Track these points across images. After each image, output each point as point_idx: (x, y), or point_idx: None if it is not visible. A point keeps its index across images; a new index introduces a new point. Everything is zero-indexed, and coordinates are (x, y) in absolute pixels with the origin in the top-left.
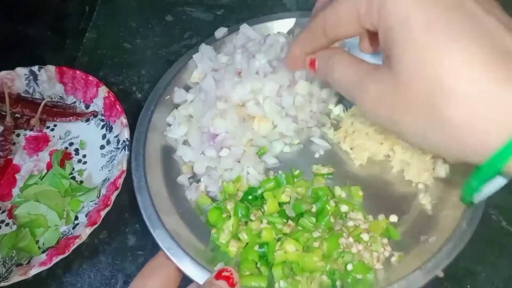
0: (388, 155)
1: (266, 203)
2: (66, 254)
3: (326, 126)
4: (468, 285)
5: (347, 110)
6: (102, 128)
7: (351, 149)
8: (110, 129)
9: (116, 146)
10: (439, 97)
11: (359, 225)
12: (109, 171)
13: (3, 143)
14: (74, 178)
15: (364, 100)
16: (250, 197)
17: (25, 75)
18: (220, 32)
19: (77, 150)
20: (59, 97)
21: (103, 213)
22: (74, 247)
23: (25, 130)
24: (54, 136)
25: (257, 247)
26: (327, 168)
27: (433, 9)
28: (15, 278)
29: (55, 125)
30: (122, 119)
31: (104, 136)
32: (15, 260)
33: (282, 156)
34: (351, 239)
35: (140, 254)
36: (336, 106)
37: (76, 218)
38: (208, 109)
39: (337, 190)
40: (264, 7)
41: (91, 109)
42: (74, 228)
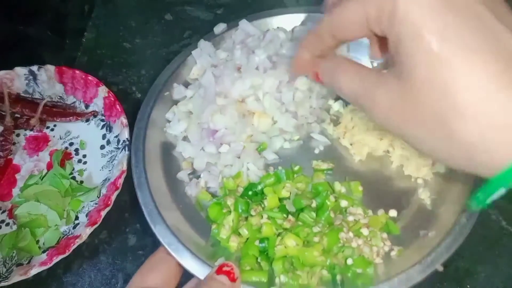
0: (388, 150)
1: (266, 199)
2: (67, 254)
3: (326, 122)
4: (468, 285)
5: (346, 105)
6: (102, 128)
7: (351, 144)
8: (110, 129)
9: (116, 146)
10: (451, 114)
11: (359, 220)
12: (109, 171)
13: (3, 143)
14: (74, 178)
15: (372, 110)
16: (250, 192)
17: (24, 75)
18: (219, 28)
19: (77, 150)
20: (59, 97)
21: (103, 213)
22: (74, 247)
23: (25, 130)
24: (54, 136)
25: (257, 242)
26: (326, 163)
27: (447, 17)
28: (16, 278)
29: (55, 125)
30: (122, 119)
31: (104, 136)
32: (15, 260)
33: (282, 152)
34: (351, 234)
35: (140, 254)
36: (335, 101)
37: (77, 218)
38: (207, 105)
39: (337, 186)
40: (264, 6)
41: (91, 109)
42: (74, 228)
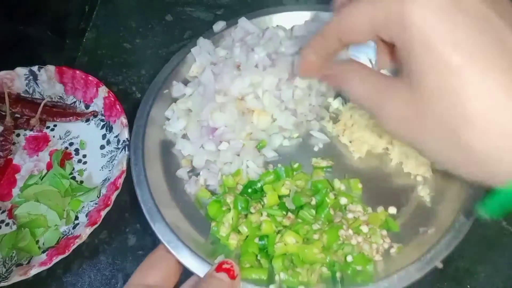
0: (387, 148)
1: (265, 196)
2: (66, 254)
3: (325, 120)
4: (468, 285)
5: (346, 103)
6: (102, 128)
7: (350, 142)
8: (110, 129)
9: (116, 146)
10: (461, 123)
11: (359, 217)
12: (109, 171)
13: (3, 143)
14: (74, 178)
15: (382, 118)
16: (249, 190)
17: (25, 75)
18: (218, 26)
19: (77, 150)
20: (59, 97)
21: (103, 213)
22: (74, 247)
23: (25, 130)
24: (54, 136)
25: (257, 240)
26: (326, 161)
27: (456, 25)
28: (15, 278)
29: (55, 125)
30: (122, 119)
31: (104, 136)
32: (15, 260)
33: (281, 150)
34: (350, 231)
35: (140, 254)
36: (335, 99)
37: (76, 218)
38: (207, 103)
39: (336, 183)
40: (264, 6)
41: (91, 109)
42: (74, 228)
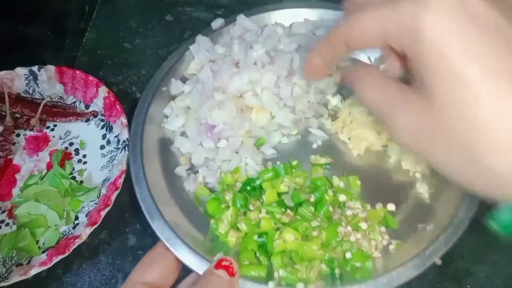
0: (386, 145)
1: (264, 193)
2: (66, 254)
3: (324, 117)
4: (468, 285)
5: (344, 100)
6: (102, 128)
7: (349, 139)
8: (110, 129)
9: (116, 146)
10: (476, 139)
11: (357, 214)
12: (109, 171)
13: (3, 143)
14: (74, 178)
15: (394, 127)
16: (248, 187)
17: (25, 75)
18: (217, 23)
19: (77, 150)
20: (59, 97)
21: (103, 213)
22: (74, 247)
23: (25, 130)
24: (54, 136)
25: (256, 237)
26: (325, 158)
27: (471, 36)
28: (15, 278)
29: (55, 125)
30: (122, 119)
31: (104, 136)
32: (15, 260)
33: (280, 147)
34: (349, 228)
35: (140, 254)
36: (333, 96)
37: (76, 218)
38: (205, 100)
39: (335, 180)
40: (263, 5)
41: (91, 109)
42: (74, 228)
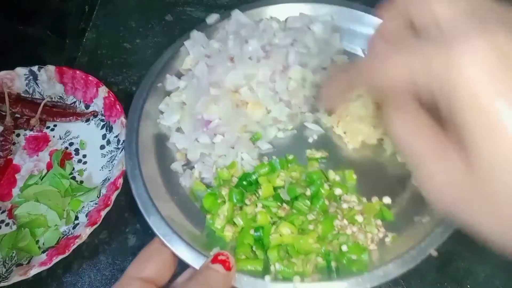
0: (381, 138)
1: (260, 188)
2: (66, 254)
3: (320, 111)
4: (468, 285)
5: None
6: (102, 128)
7: (345, 133)
8: (110, 129)
9: (116, 146)
10: None
11: (353, 207)
12: (109, 171)
13: (3, 143)
14: (74, 178)
15: (426, 179)
16: (244, 182)
17: (25, 75)
18: (212, 18)
19: (77, 150)
20: (59, 97)
21: (103, 213)
22: (74, 247)
23: (25, 130)
24: (54, 136)
25: (252, 231)
26: (321, 152)
27: (510, 84)
28: (15, 278)
29: (55, 125)
30: (122, 119)
31: (104, 136)
32: (15, 260)
33: (276, 142)
34: (345, 221)
35: None
36: None
37: (76, 218)
38: (201, 95)
39: (331, 174)
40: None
41: (91, 109)
42: (74, 228)
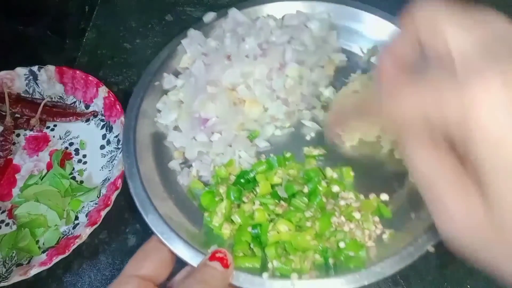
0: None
1: (258, 186)
2: (66, 254)
3: (317, 109)
4: (468, 285)
5: (337, 92)
6: (102, 128)
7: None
8: (110, 129)
9: (116, 146)
10: None
11: (351, 204)
12: (109, 171)
13: (3, 143)
14: (74, 178)
15: (444, 216)
16: (242, 180)
17: (25, 75)
18: (209, 16)
19: (77, 150)
20: (59, 97)
21: (103, 213)
22: (74, 247)
23: (25, 130)
24: (54, 136)
25: (250, 229)
26: (318, 149)
27: None
28: (15, 278)
29: (55, 125)
30: (122, 119)
31: (104, 136)
32: (15, 260)
33: (273, 139)
34: (343, 218)
35: None
36: (326, 88)
37: (76, 218)
38: (198, 94)
39: (328, 171)
40: None
41: (91, 109)
42: (74, 228)
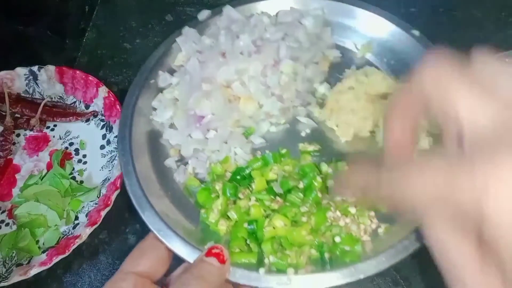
0: (373, 130)
1: (254, 182)
2: (66, 254)
3: (312, 105)
4: None
5: (332, 88)
6: (102, 128)
7: (337, 126)
8: (110, 129)
9: (116, 146)
10: None
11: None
12: (109, 171)
13: (3, 143)
14: (74, 178)
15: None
16: (238, 177)
17: (25, 75)
18: (203, 14)
19: (77, 150)
20: (59, 97)
21: (103, 213)
22: (74, 247)
23: (25, 130)
24: (54, 136)
25: (246, 225)
26: (313, 145)
27: None
28: (15, 278)
29: (55, 125)
30: None
31: (104, 136)
32: (15, 260)
33: (268, 136)
34: (338, 213)
35: None
36: (321, 84)
37: (76, 218)
38: (193, 91)
39: (324, 167)
40: None
41: (91, 109)
42: (74, 228)
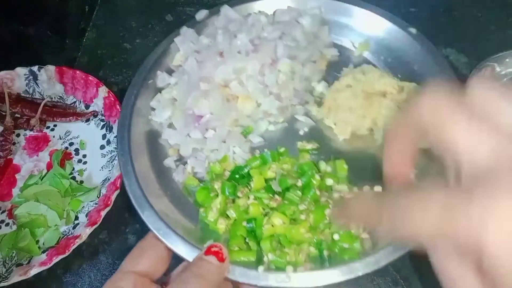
0: (372, 129)
1: (252, 180)
2: (66, 254)
3: (310, 103)
4: None
5: (329, 86)
6: (102, 128)
7: (335, 124)
8: (110, 129)
9: (116, 146)
10: None
11: (344, 196)
12: (109, 171)
13: (3, 143)
14: (74, 178)
15: None
16: (237, 176)
17: (25, 75)
18: (201, 14)
19: (77, 150)
20: (59, 97)
21: (103, 213)
22: (74, 247)
23: (25, 130)
24: (54, 136)
25: (245, 223)
26: (311, 144)
27: None
28: (15, 278)
29: (55, 125)
30: None
31: (104, 136)
32: (15, 260)
33: (267, 135)
34: None
35: None
36: (319, 83)
37: (76, 218)
38: (191, 91)
39: (322, 165)
40: None
41: (91, 109)
42: (74, 228)
